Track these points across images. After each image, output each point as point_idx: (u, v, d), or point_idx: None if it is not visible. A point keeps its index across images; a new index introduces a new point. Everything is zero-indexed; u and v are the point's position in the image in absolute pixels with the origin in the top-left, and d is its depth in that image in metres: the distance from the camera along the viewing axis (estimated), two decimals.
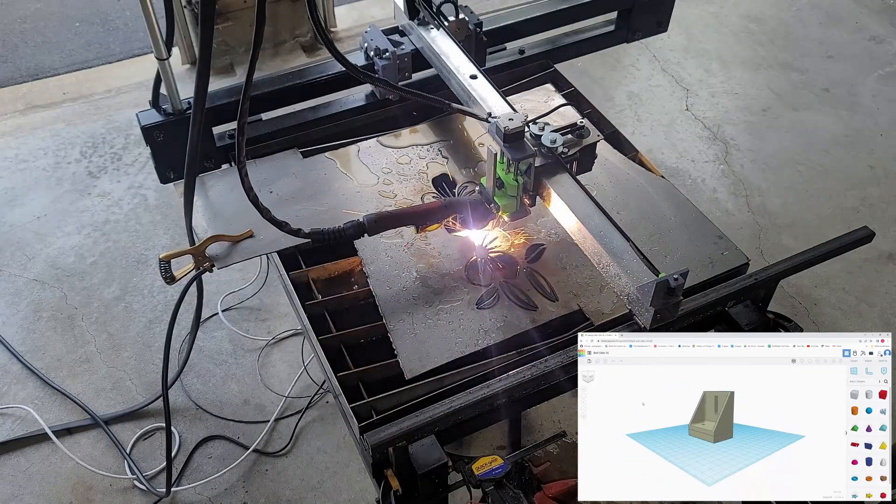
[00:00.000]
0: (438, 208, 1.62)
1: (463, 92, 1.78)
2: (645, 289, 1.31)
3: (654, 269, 1.37)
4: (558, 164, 1.58)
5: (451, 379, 1.52)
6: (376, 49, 1.93)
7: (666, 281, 1.28)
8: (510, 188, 1.58)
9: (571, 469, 1.98)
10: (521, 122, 1.54)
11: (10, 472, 2.45)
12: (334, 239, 1.56)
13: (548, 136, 1.57)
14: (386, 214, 1.59)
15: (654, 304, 1.30)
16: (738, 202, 3.33)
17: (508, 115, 1.57)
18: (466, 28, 1.98)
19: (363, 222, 1.57)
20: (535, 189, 1.59)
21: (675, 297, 1.30)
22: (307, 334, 1.62)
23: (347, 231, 1.56)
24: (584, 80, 3.83)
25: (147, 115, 1.80)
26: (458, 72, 1.79)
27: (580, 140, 1.63)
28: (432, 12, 1.94)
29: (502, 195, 1.60)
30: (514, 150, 1.54)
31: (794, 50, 4.15)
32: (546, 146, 1.57)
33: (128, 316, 2.87)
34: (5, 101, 3.87)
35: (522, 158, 1.53)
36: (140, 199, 3.30)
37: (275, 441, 2.54)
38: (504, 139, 1.53)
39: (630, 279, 1.37)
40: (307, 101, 2.04)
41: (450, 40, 1.89)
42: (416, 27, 1.95)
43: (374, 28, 1.99)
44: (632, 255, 1.41)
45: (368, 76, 1.84)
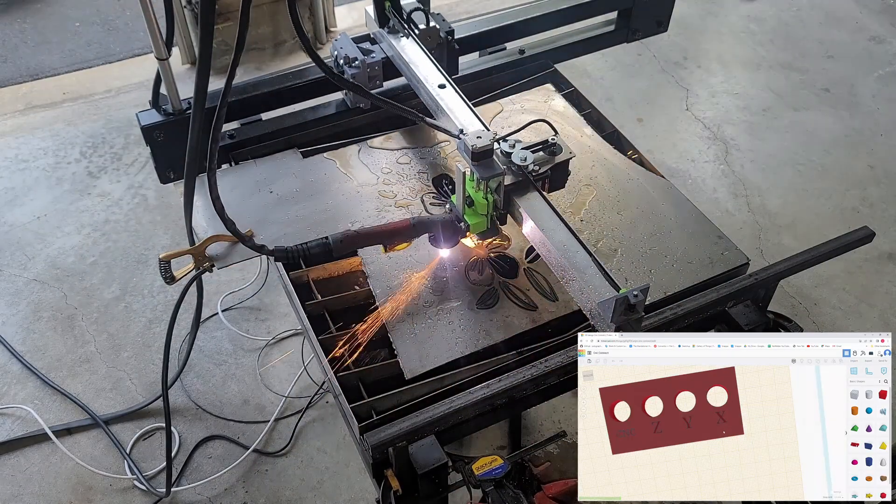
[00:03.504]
0: (407, 227, 1.58)
1: (431, 101, 1.76)
2: (606, 304, 1.31)
3: (615, 284, 1.36)
4: (529, 183, 1.54)
5: (451, 379, 1.52)
6: (346, 57, 1.89)
7: (626, 297, 1.28)
8: (480, 206, 1.55)
9: (571, 469, 1.99)
10: (489, 139, 1.51)
11: (10, 472, 2.45)
12: (298, 257, 1.52)
13: (518, 154, 1.54)
14: (352, 234, 1.56)
15: (615, 320, 1.30)
16: (738, 202, 3.33)
17: (477, 132, 1.54)
18: (437, 36, 1.95)
19: (328, 242, 1.53)
20: (506, 207, 1.56)
21: (636, 313, 1.30)
22: (307, 334, 1.62)
23: (312, 250, 1.53)
24: (584, 80, 3.83)
25: (147, 115, 1.80)
26: (426, 81, 1.77)
27: (552, 157, 1.59)
28: (402, 20, 1.91)
29: (472, 213, 1.56)
30: (482, 169, 1.50)
31: (794, 50, 4.15)
32: (516, 164, 1.53)
33: (128, 316, 2.87)
34: (5, 101, 3.87)
35: (491, 177, 1.50)
36: (140, 199, 3.30)
37: (275, 441, 2.54)
38: (472, 157, 1.50)
39: (592, 294, 1.36)
40: (307, 101, 2.04)
41: (419, 49, 1.87)
42: (386, 35, 1.92)
43: (345, 36, 1.95)
44: (594, 270, 1.39)
45: (346, 82, 1.81)
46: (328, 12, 4.14)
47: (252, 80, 1.99)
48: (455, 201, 1.58)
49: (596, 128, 2.07)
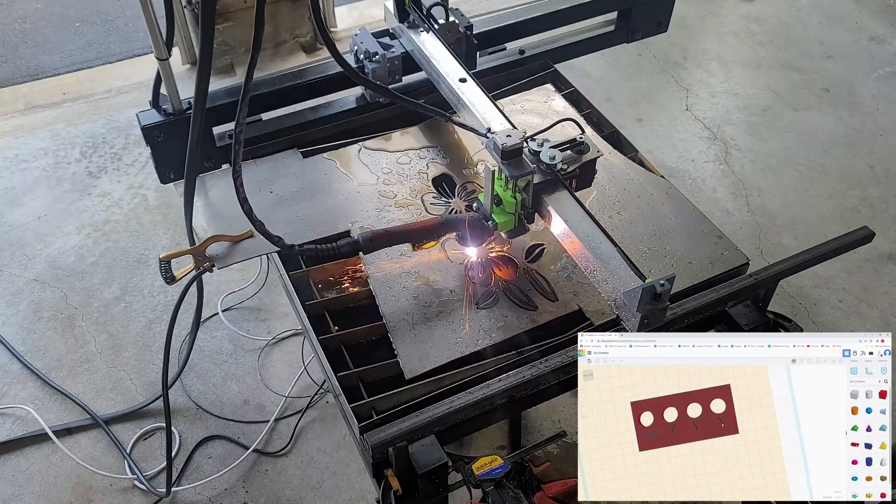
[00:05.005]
0: (435, 226, 1.60)
1: (452, 95, 1.77)
2: (632, 294, 1.31)
3: (640, 274, 1.37)
4: (557, 182, 1.55)
5: (451, 379, 1.52)
6: (366, 52, 1.91)
7: (652, 286, 1.28)
8: (508, 205, 1.55)
9: (571, 469, 1.99)
10: (519, 138, 1.51)
11: (10, 472, 2.45)
12: (328, 256, 1.55)
13: (547, 153, 1.54)
14: (382, 233, 1.57)
15: (641, 310, 1.30)
16: (738, 202, 3.33)
17: (506, 131, 1.54)
18: (457, 31, 1.96)
19: (358, 241, 1.55)
20: (535, 206, 1.56)
21: (661, 303, 1.30)
22: (307, 334, 1.62)
23: (342, 249, 1.54)
24: (584, 81, 3.83)
25: (147, 115, 1.80)
26: (447, 75, 1.78)
27: (580, 156, 1.61)
28: (422, 15, 1.92)
29: (500, 212, 1.56)
30: (512, 168, 1.50)
31: (794, 50, 4.15)
32: (545, 163, 1.54)
33: (128, 316, 2.87)
34: (5, 101, 3.86)
35: (521, 175, 1.50)
36: (140, 199, 3.30)
37: (275, 441, 2.54)
38: (502, 156, 1.50)
39: (617, 284, 1.36)
40: (307, 101, 2.04)
41: (439, 43, 1.88)
42: (406, 30, 1.93)
43: (364, 31, 1.98)
44: (619, 260, 1.40)
45: (368, 82, 1.83)
46: (328, 13, 4.14)
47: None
48: (483, 200, 1.59)
49: (596, 128, 2.07)
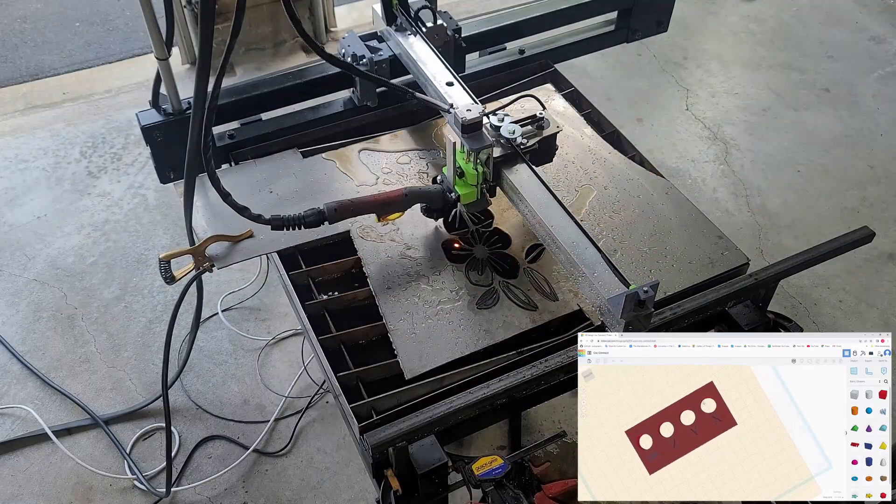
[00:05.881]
0: (399, 197, 1.64)
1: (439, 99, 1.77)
2: (615, 301, 1.32)
3: (624, 280, 1.37)
4: (517, 156, 1.62)
5: (451, 379, 1.52)
6: (353, 55, 1.92)
7: (636, 293, 1.29)
8: (471, 177, 1.61)
9: (571, 469, 1.98)
10: (478, 112, 1.58)
11: (10, 472, 2.45)
12: (293, 225, 1.58)
13: (507, 128, 1.62)
14: (346, 203, 1.61)
15: (625, 316, 1.31)
16: (738, 202, 3.33)
17: (467, 105, 1.62)
18: (445, 34, 1.96)
19: (323, 210, 1.59)
20: (495, 179, 1.63)
21: (645, 309, 1.31)
22: (307, 334, 1.62)
23: (308, 218, 1.59)
24: (584, 81, 3.83)
25: (147, 115, 1.80)
26: (434, 79, 1.79)
27: (540, 131, 1.67)
28: (410, 18, 1.93)
29: (463, 184, 1.63)
30: (472, 141, 1.58)
31: (794, 50, 4.15)
32: (505, 137, 1.61)
33: (128, 316, 2.87)
34: (5, 101, 3.86)
35: (481, 148, 1.57)
36: (140, 199, 3.30)
37: (275, 441, 2.54)
38: (462, 129, 1.57)
39: (601, 290, 1.37)
40: (307, 101, 2.04)
41: (427, 46, 1.88)
42: (394, 33, 1.94)
43: (352, 34, 1.97)
44: (603, 266, 1.41)
45: (353, 69, 1.85)
46: (328, 12, 4.14)
47: (252, 80, 1.99)
48: (446, 172, 1.65)
49: (596, 128, 2.07)
